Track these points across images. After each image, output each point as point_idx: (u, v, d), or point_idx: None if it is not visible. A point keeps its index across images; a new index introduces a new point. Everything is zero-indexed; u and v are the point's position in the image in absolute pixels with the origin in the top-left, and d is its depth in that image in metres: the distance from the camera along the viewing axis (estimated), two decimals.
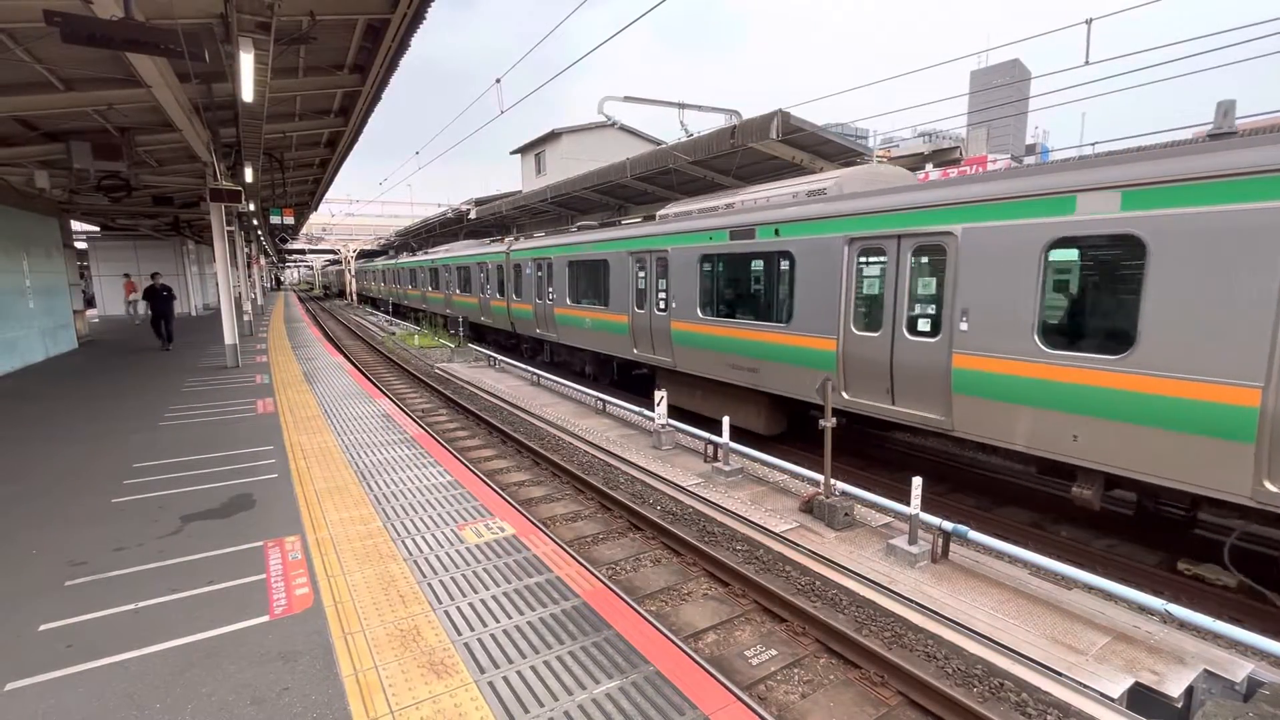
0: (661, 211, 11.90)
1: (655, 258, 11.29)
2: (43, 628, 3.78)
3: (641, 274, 11.77)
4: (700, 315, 10.17)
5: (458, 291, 23.60)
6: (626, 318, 12.23)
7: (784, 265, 8.67)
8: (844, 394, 7.66)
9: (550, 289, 15.11)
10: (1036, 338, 5.82)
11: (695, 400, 11.05)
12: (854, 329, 7.52)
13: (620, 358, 13.23)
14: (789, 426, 9.92)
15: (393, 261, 39.26)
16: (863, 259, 7.53)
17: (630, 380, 14.31)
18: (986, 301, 6.18)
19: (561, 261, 14.44)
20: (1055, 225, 5.65)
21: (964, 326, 6.34)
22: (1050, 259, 5.81)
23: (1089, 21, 7.61)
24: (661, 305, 11.22)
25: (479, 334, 22.95)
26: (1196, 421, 4.86)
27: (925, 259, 6.86)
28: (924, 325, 6.82)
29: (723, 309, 10.04)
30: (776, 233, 8.53)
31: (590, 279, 13.72)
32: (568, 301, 14.39)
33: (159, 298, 16.29)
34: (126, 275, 26.61)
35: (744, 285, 10.03)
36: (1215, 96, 5.66)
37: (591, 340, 13.86)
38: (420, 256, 31.13)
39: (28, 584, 4.33)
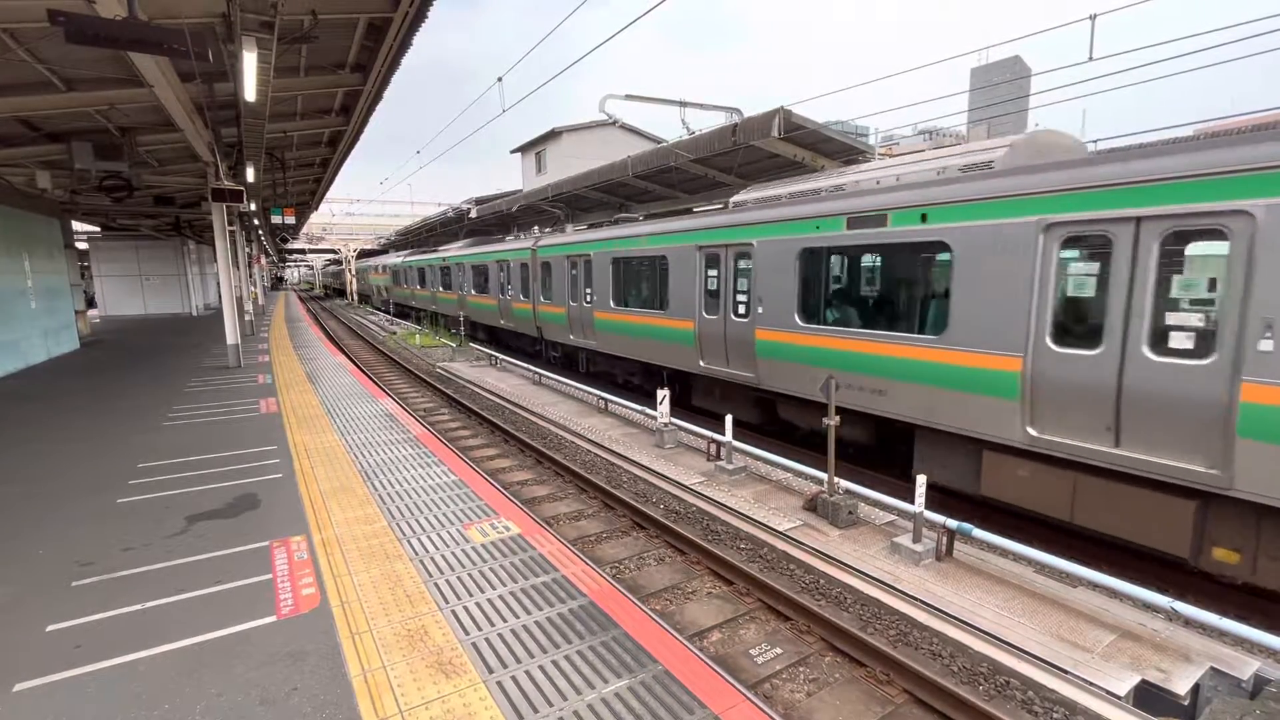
0: (737, 198, 10.23)
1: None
2: (50, 628, 3.79)
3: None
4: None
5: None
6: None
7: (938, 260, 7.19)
8: (1029, 429, 5.97)
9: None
10: None
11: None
12: (1050, 343, 5.83)
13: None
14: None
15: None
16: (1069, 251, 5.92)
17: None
18: None
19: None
20: None
21: (1267, 345, 4.66)
22: None
23: (1093, 17, 7.59)
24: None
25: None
26: None
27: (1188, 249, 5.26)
28: (1183, 341, 5.12)
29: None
30: (923, 218, 6.82)
31: None
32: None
33: None
34: None
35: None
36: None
37: None
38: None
39: (35, 584, 4.34)
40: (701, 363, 10.31)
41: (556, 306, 15.36)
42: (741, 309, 9.44)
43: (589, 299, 13.62)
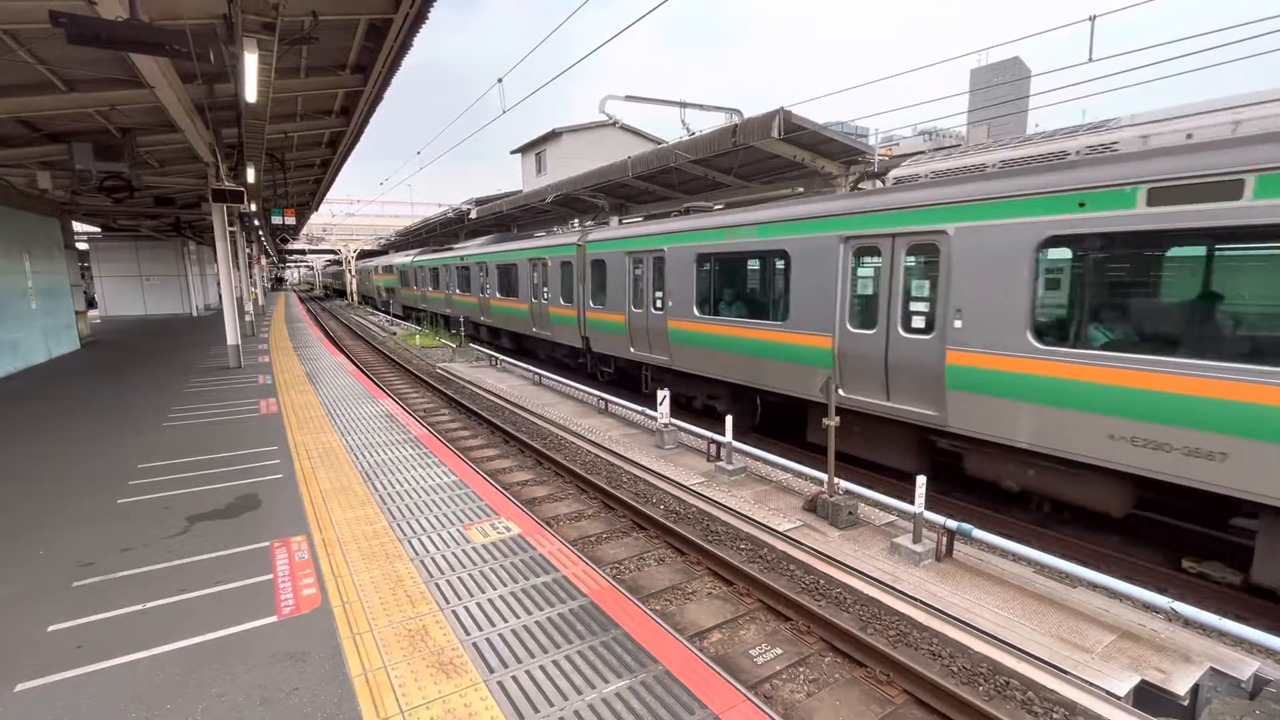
0: (899, 172, 7.77)
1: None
2: (52, 628, 3.80)
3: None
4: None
5: None
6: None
7: None
8: None
9: None
10: None
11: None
12: None
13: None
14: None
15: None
16: None
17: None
18: None
19: None
20: None
21: None
22: None
23: (1093, 18, 7.60)
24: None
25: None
26: None
27: None
28: None
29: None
30: None
31: None
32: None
33: None
34: None
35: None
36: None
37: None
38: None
39: (36, 584, 4.34)
40: (842, 391, 7.69)
41: (612, 314, 12.54)
42: (918, 322, 6.97)
43: (659, 305, 11.07)
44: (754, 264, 9.63)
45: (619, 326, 12.46)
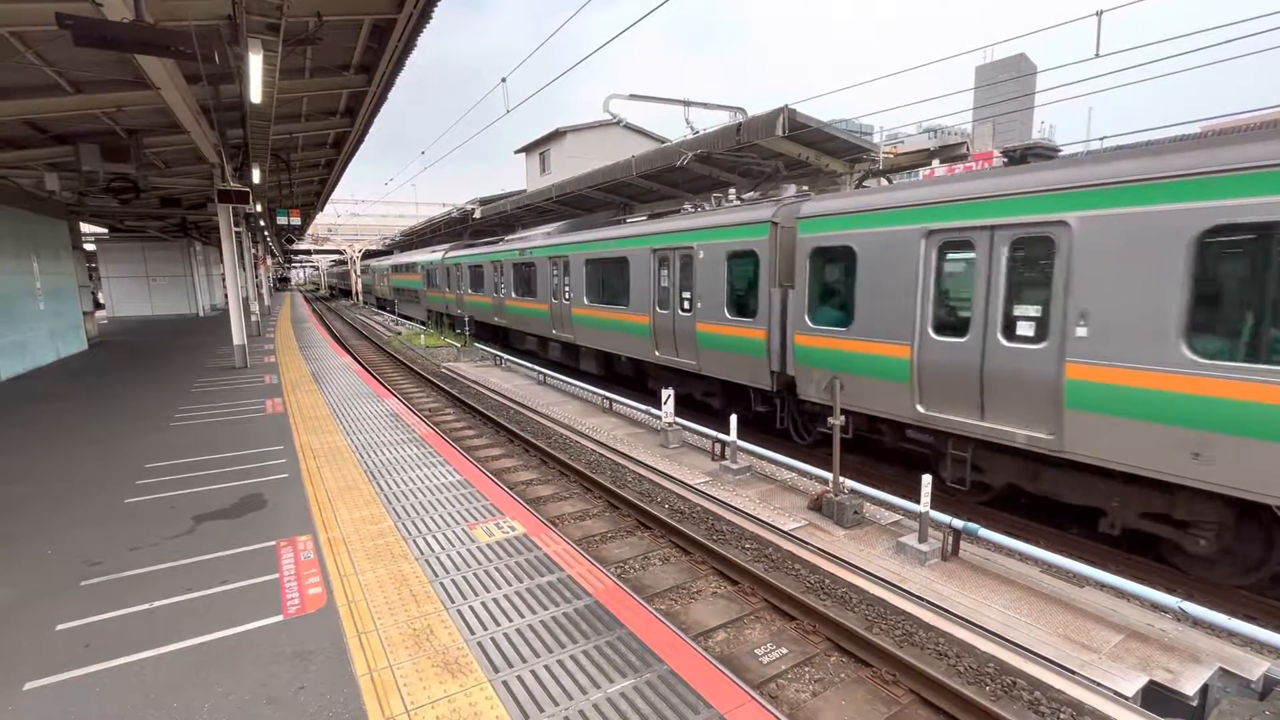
0: None
1: None
2: (60, 627, 3.82)
3: None
4: None
5: None
6: None
7: None
8: None
9: None
10: None
11: None
12: None
13: None
14: None
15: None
16: None
17: None
18: None
19: None
20: None
21: None
22: None
23: (1099, 14, 7.55)
24: None
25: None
26: None
27: None
28: None
29: None
30: None
31: None
32: None
33: None
34: None
35: None
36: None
37: None
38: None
39: (44, 584, 4.37)
40: None
41: (868, 341, 7.41)
42: None
43: (1029, 332, 5.96)
44: None
45: (890, 367, 7.25)
